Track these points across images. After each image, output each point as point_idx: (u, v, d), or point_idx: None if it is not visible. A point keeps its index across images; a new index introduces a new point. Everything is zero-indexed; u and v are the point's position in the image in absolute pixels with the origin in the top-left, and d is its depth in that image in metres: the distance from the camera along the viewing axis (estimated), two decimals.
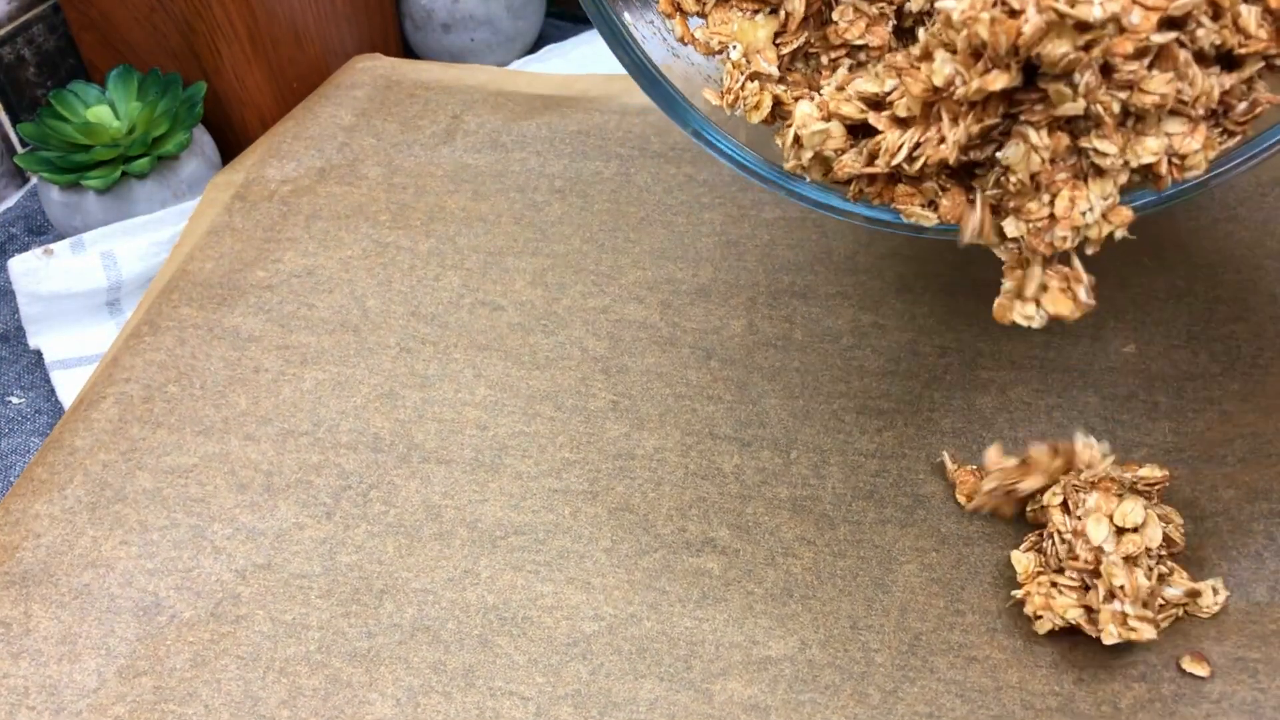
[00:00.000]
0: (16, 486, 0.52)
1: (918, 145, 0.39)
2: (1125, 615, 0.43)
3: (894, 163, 0.40)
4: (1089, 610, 0.44)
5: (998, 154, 0.39)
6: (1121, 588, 0.43)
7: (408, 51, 0.79)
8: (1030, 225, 0.39)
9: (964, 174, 0.41)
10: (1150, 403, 0.53)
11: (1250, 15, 0.37)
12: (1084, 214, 0.38)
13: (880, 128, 0.40)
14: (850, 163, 0.41)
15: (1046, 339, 0.56)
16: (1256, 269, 0.58)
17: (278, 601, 0.47)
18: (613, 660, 0.45)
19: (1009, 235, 0.40)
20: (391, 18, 0.76)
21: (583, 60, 0.76)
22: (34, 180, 0.71)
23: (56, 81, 0.71)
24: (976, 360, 0.55)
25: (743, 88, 0.43)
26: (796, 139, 0.41)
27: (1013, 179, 0.38)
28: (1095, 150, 0.37)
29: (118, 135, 0.64)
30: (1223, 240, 0.60)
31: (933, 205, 0.41)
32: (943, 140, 0.39)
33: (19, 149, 0.71)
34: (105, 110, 0.65)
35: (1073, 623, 0.44)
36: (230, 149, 0.71)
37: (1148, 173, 0.38)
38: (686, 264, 0.61)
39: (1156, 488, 0.48)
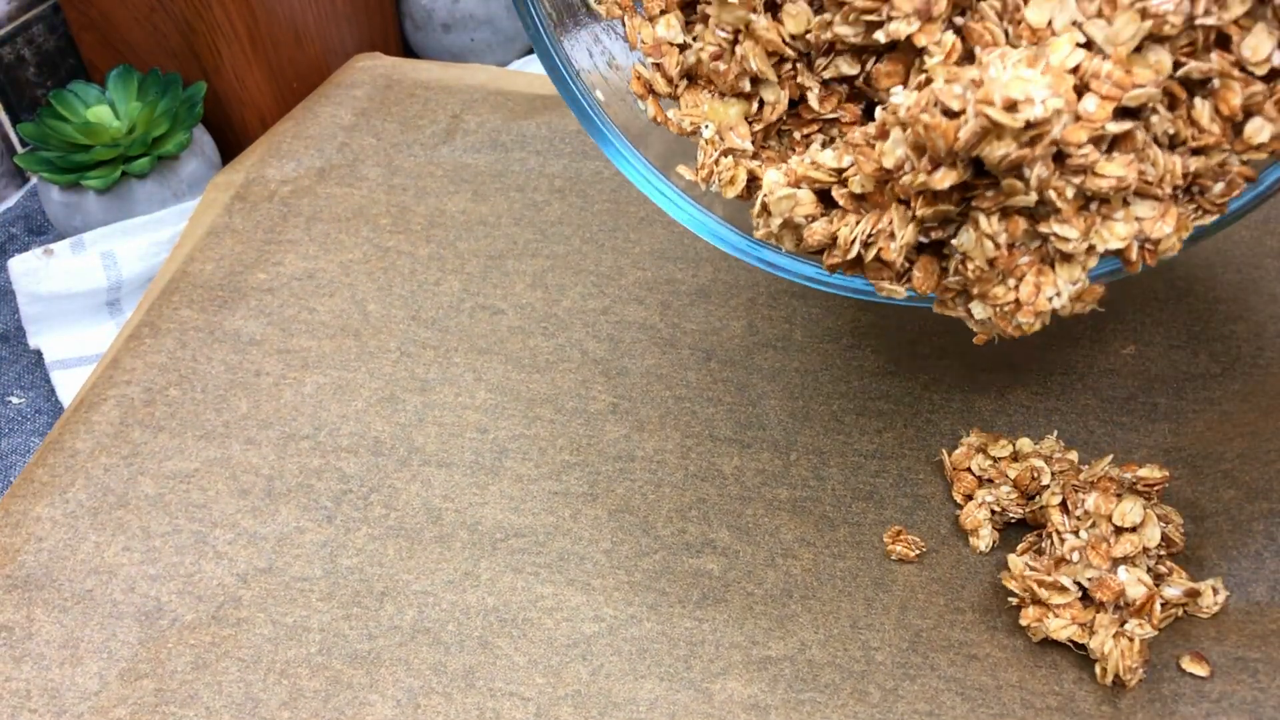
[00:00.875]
0: (16, 487, 0.52)
1: (871, 236, 0.39)
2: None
3: (849, 256, 0.39)
4: (1084, 627, 0.44)
5: (953, 241, 0.38)
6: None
7: (408, 51, 0.79)
8: (996, 309, 0.38)
9: (934, 246, 0.40)
10: (1150, 404, 0.53)
11: (1204, 109, 0.36)
12: (1050, 299, 0.37)
13: (840, 202, 0.39)
14: (821, 230, 0.40)
15: (1045, 340, 0.56)
16: (1256, 269, 0.58)
17: (279, 604, 0.47)
18: (613, 661, 0.46)
19: (976, 317, 0.39)
20: (391, 18, 0.76)
21: None
22: (34, 180, 0.71)
23: (56, 81, 0.71)
24: (976, 362, 0.55)
25: (717, 163, 0.43)
26: (764, 206, 0.41)
27: (970, 266, 0.38)
28: (1056, 235, 0.36)
29: (118, 135, 0.64)
30: (1222, 240, 0.60)
31: (906, 277, 0.40)
32: (893, 235, 0.38)
33: (19, 149, 0.71)
34: (105, 110, 0.65)
35: (1066, 641, 0.45)
36: (230, 149, 0.71)
37: (1118, 254, 0.38)
38: (686, 264, 0.61)
39: (1156, 488, 0.48)
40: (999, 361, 0.55)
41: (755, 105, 0.42)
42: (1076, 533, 0.46)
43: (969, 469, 0.50)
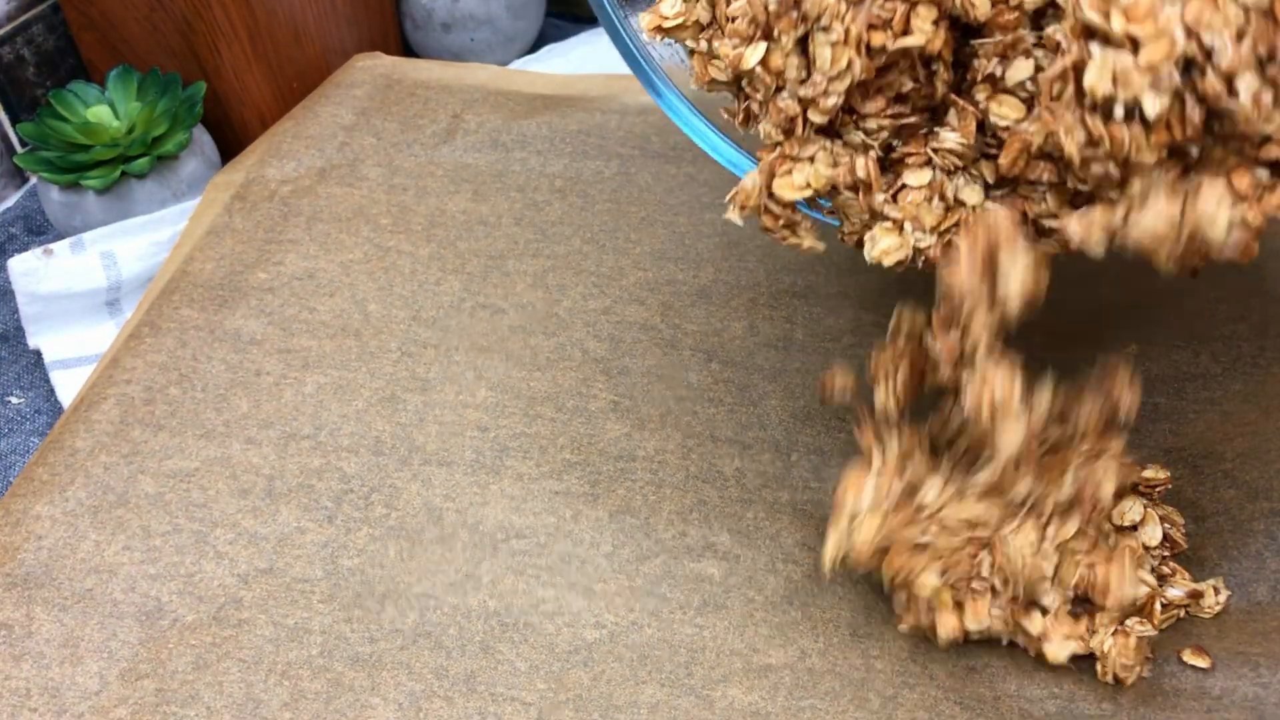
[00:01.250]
0: (16, 486, 0.52)
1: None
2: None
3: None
4: (1083, 638, 0.45)
5: None
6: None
7: (408, 51, 0.79)
8: None
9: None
10: (1150, 404, 0.53)
11: None
12: None
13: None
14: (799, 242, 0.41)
15: (1046, 340, 0.56)
16: (1257, 268, 0.58)
17: (280, 606, 0.47)
18: (614, 667, 0.45)
19: None
20: (391, 18, 0.76)
21: (583, 60, 0.76)
22: (34, 180, 0.71)
23: (56, 81, 0.71)
24: None
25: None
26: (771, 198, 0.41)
27: None
28: None
29: (117, 135, 0.64)
30: None
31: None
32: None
33: (19, 149, 0.71)
34: (105, 110, 0.65)
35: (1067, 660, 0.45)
36: (230, 149, 0.70)
37: None
38: (687, 264, 0.61)
39: (1158, 489, 0.48)
40: None
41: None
42: None
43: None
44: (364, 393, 0.55)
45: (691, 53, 0.44)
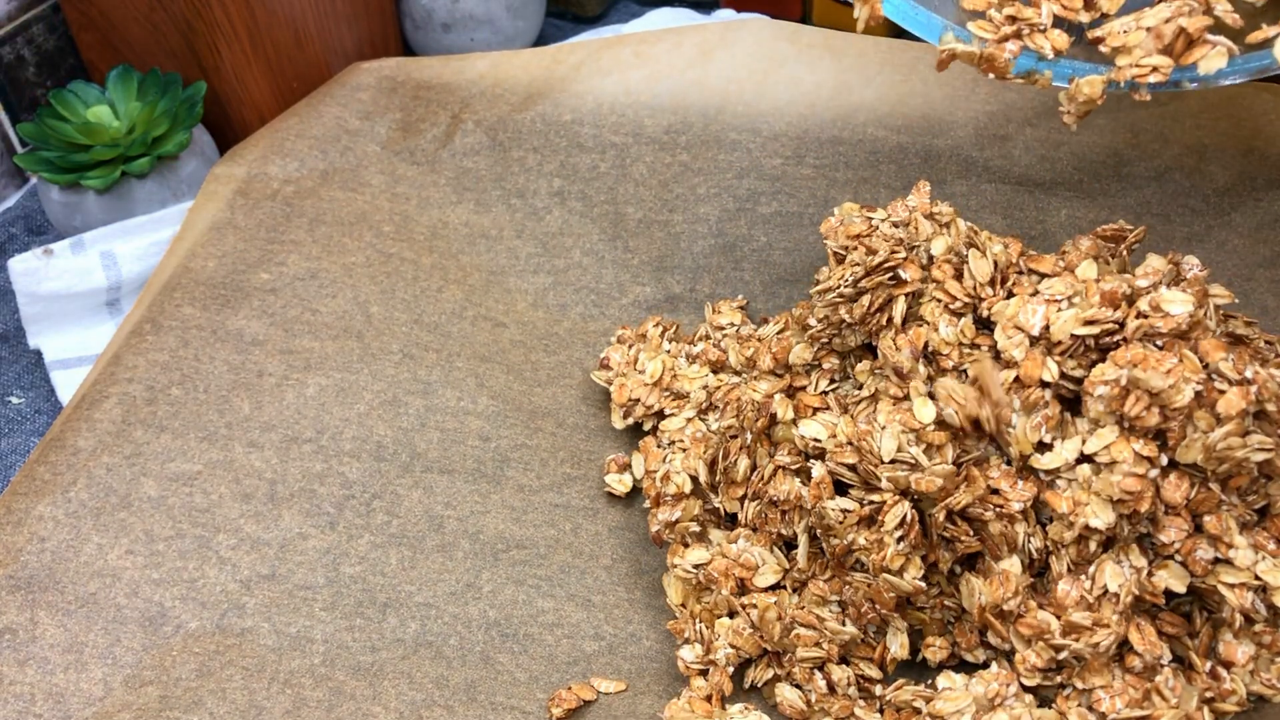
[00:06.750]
0: (17, 484, 0.52)
1: None
2: None
3: None
4: None
5: None
6: None
7: (408, 51, 0.79)
8: None
9: None
10: None
11: None
12: None
13: None
14: None
15: None
16: (1248, 280, 0.59)
17: (282, 614, 0.48)
18: (612, 678, 0.46)
19: None
20: (391, 18, 0.76)
21: None
22: (34, 180, 0.71)
23: (56, 81, 0.71)
24: None
25: None
26: None
27: None
28: None
29: (117, 135, 0.64)
30: (1214, 250, 0.60)
31: None
32: None
33: (19, 149, 0.71)
34: (105, 110, 0.65)
35: None
36: (229, 149, 0.70)
37: None
38: (684, 275, 0.61)
39: None
40: None
41: None
42: None
43: None
44: (365, 395, 0.55)
45: None
